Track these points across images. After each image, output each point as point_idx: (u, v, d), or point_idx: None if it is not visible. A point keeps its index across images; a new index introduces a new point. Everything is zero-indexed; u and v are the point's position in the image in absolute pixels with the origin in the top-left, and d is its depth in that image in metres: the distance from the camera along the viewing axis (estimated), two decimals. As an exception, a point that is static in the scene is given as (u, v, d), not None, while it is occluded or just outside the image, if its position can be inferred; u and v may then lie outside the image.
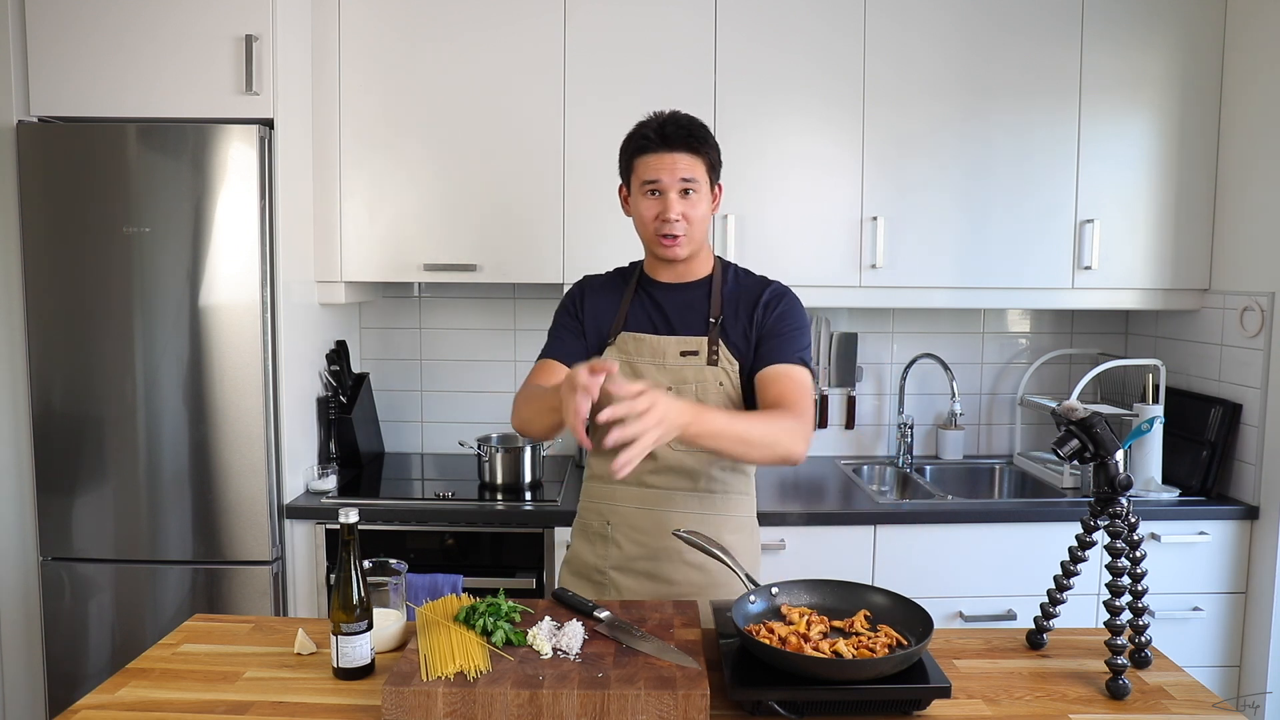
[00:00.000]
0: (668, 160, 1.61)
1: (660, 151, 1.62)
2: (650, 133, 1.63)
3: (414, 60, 2.52)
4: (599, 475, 1.76)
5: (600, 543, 1.74)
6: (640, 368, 1.68)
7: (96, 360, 2.28)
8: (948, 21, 2.54)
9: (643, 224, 1.67)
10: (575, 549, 1.80)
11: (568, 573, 1.81)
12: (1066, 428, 1.41)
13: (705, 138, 1.65)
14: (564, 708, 1.18)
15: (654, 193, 1.63)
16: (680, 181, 1.62)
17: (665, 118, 1.65)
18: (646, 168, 1.63)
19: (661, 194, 1.62)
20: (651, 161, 1.62)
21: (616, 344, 1.71)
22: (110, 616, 2.33)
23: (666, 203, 1.62)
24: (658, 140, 1.62)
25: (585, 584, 1.75)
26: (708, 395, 1.66)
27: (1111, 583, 1.37)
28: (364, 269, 2.57)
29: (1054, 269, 2.60)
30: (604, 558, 1.73)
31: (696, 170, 1.63)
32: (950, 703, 1.28)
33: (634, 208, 1.69)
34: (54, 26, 2.26)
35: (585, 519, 1.79)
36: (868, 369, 3.02)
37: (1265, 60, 2.42)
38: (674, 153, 1.62)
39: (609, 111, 2.51)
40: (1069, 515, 2.38)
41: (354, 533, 1.35)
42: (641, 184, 1.64)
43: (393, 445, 3.03)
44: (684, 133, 1.62)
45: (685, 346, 1.68)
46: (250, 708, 1.27)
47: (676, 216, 1.62)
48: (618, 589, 1.72)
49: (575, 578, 1.78)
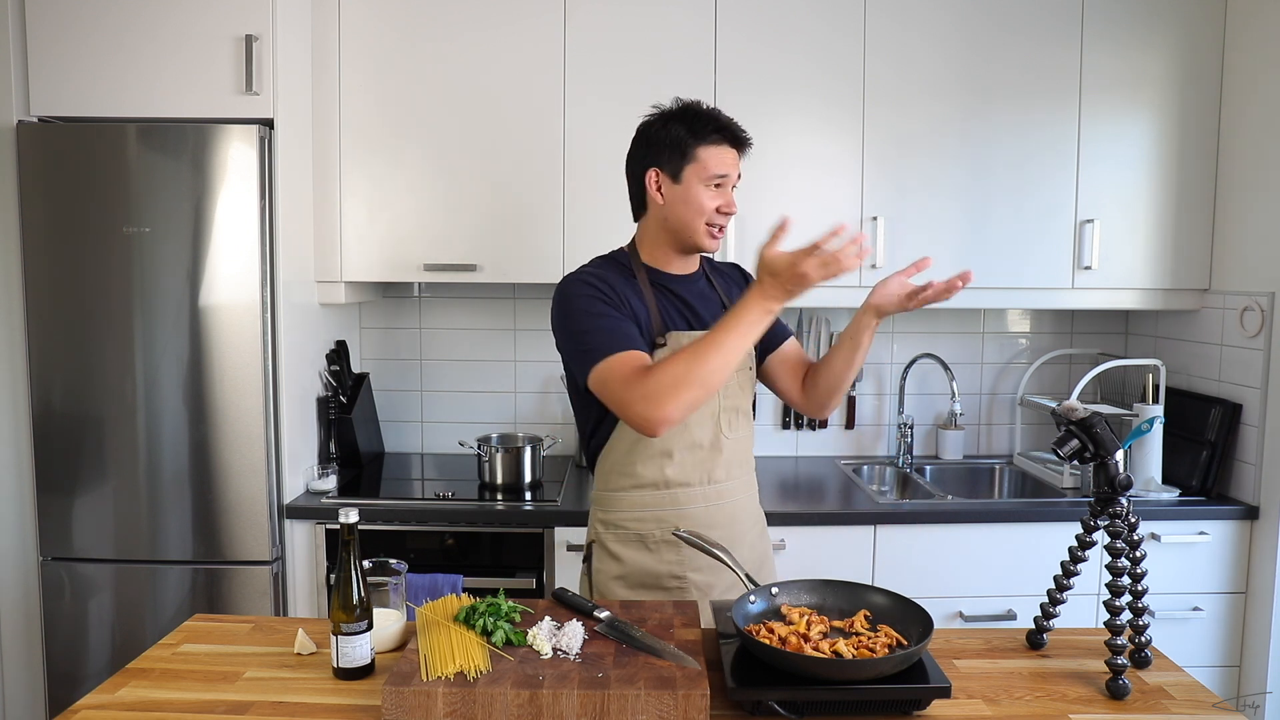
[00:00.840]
0: (735, 157, 1.67)
1: (731, 147, 1.65)
2: (716, 125, 1.64)
3: (414, 60, 2.52)
4: (653, 483, 1.68)
5: (669, 549, 1.68)
6: None
7: (96, 360, 2.28)
8: (948, 21, 2.54)
9: (698, 214, 1.64)
10: (633, 562, 1.70)
11: (623, 587, 1.71)
12: (1066, 428, 1.41)
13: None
14: (564, 708, 1.18)
15: (721, 185, 1.65)
16: (737, 179, 1.68)
17: (716, 113, 1.67)
18: (719, 161, 1.63)
19: (722, 188, 1.65)
20: (725, 156, 1.64)
21: (670, 344, 1.64)
22: (110, 616, 2.33)
23: (728, 195, 1.66)
24: (730, 137, 1.65)
25: (656, 592, 1.69)
26: (743, 381, 1.74)
27: (1111, 583, 1.37)
28: (364, 269, 2.57)
29: (1054, 269, 2.60)
30: (678, 563, 1.68)
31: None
32: (950, 703, 1.28)
33: (686, 196, 1.64)
34: (54, 26, 2.26)
35: (639, 529, 1.69)
36: (868, 369, 3.02)
37: (1265, 60, 2.42)
38: (739, 150, 1.68)
39: (609, 111, 2.52)
40: (1069, 515, 2.38)
41: (354, 533, 1.35)
42: (709, 175, 1.63)
43: (393, 445, 3.03)
44: (745, 135, 1.68)
45: None
46: (250, 708, 1.27)
47: (735, 210, 1.67)
48: (699, 588, 1.69)
49: (637, 589, 1.70)
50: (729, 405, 1.70)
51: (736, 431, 1.72)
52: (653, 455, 1.66)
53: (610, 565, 1.72)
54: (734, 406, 1.71)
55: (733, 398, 1.71)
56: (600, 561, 1.74)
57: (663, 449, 1.66)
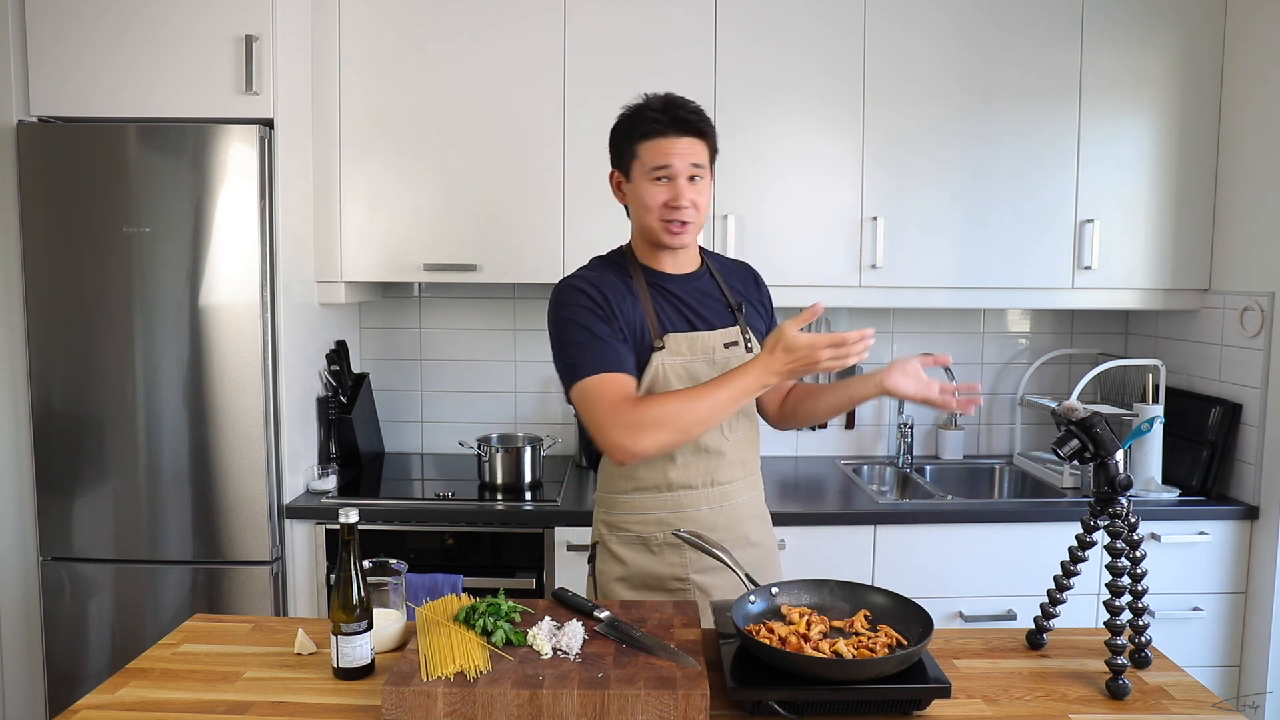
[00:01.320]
0: (680, 145, 1.57)
1: (670, 136, 1.57)
2: (657, 115, 1.57)
3: (414, 60, 2.52)
4: (655, 486, 1.67)
5: (671, 552, 1.67)
6: (694, 368, 1.63)
7: (96, 360, 2.28)
8: (948, 21, 2.54)
9: (647, 211, 1.60)
10: (636, 564, 1.69)
11: (626, 589, 1.70)
12: (1066, 428, 1.41)
13: (709, 122, 1.62)
14: (564, 708, 1.18)
15: (662, 179, 1.58)
16: (690, 167, 1.58)
17: (666, 99, 1.59)
18: (655, 152, 1.57)
19: (671, 180, 1.58)
20: (662, 146, 1.57)
21: (669, 347, 1.62)
22: (110, 616, 2.33)
23: (677, 189, 1.58)
24: (667, 123, 1.57)
25: (659, 594, 1.69)
26: None
27: (1111, 583, 1.37)
28: (364, 269, 2.57)
29: (1054, 269, 2.60)
30: (680, 565, 1.67)
31: (702, 156, 1.60)
32: (950, 703, 1.28)
33: (635, 194, 1.62)
34: (54, 26, 2.26)
35: (640, 531, 1.68)
36: (868, 369, 3.01)
37: (1265, 60, 2.42)
38: (684, 137, 1.57)
39: (609, 112, 2.47)
40: (1069, 515, 2.38)
41: (354, 533, 1.35)
42: (649, 170, 1.58)
43: (393, 445, 3.03)
44: (694, 116, 1.58)
45: (727, 339, 1.67)
46: (250, 708, 1.27)
47: (687, 203, 1.58)
48: (702, 590, 1.68)
49: (640, 590, 1.69)
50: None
51: (737, 433, 1.70)
52: (656, 458, 1.64)
53: (613, 567, 1.71)
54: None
55: None
56: (604, 563, 1.73)
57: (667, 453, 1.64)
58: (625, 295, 1.64)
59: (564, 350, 1.59)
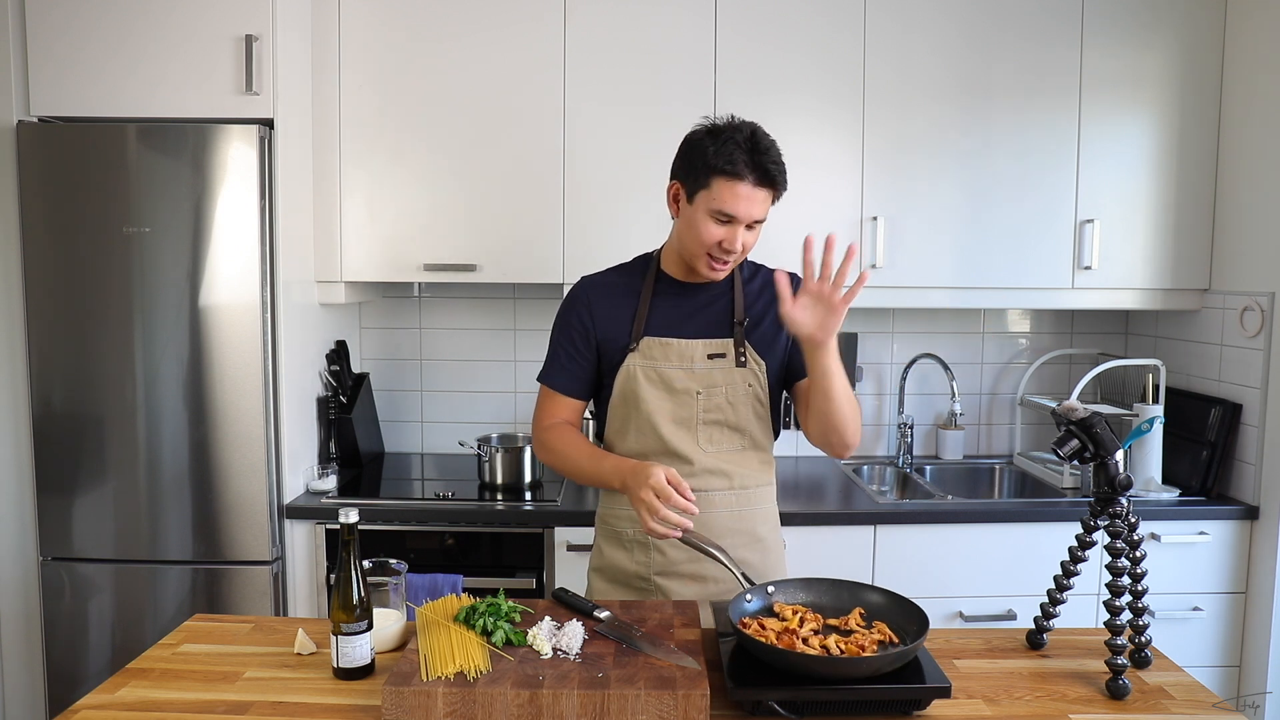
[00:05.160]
0: (756, 196, 1.51)
1: (749, 184, 1.50)
2: (744, 159, 1.49)
3: (414, 60, 2.52)
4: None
5: (640, 549, 1.69)
6: (667, 373, 1.63)
7: (96, 360, 2.28)
8: (948, 21, 2.54)
9: (697, 242, 1.55)
10: (610, 557, 1.73)
11: (602, 581, 1.74)
12: (1066, 428, 1.41)
13: (785, 173, 1.54)
14: (564, 708, 1.18)
15: (725, 222, 1.53)
16: (754, 215, 1.53)
17: (754, 138, 1.51)
18: (729, 196, 1.50)
19: (731, 224, 1.53)
20: (739, 192, 1.50)
21: (640, 349, 1.63)
22: (110, 616, 2.33)
23: (734, 234, 1.53)
24: (752, 173, 1.49)
25: (627, 591, 1.70)
26: (737, 397, 1.65)
27: (1111, 583, 1.37)
28: (364, 269, 2.57)
29: (1054, 269, 2.60)
30: (646, 564, 1.68)
31: (768, 206, 1.55)
32: (950, 703, 1.28)
33: (690, 221, 1.56)
34: (54, 26, 2.26)
35: (617, 526, 1.72)
36: (868, 369, 3.02)
37: (1265, 60, 2.42)
38: (761, 189, 1.51)
39: (609, 112, 2.52)
40: (1069, 515, 2.38)
41: (354, 533, 1.35)
42: (714, 208, 1.51)
43: (393, 445, 3.03)
44: (775, 169, 1.51)
45: (712, 349, 1.64)
46: (250, 708, 1.27)
47: (739, 248, 1.55)
48: (664, 593, 1.68)
49: (613, 585, 1.72)
50: (710, 419, 1.65)
51: (718, 446, 1.66)
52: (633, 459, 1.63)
53: (595, 556, 1.79)
54: (718, 421, 1.66)
55: (718, 411, 1.65)
56: (593, 551, 1.81)
57: (640, 453, 1.66)
58: (624, 298, 1.66)
59: (549, 343, 1.74)
